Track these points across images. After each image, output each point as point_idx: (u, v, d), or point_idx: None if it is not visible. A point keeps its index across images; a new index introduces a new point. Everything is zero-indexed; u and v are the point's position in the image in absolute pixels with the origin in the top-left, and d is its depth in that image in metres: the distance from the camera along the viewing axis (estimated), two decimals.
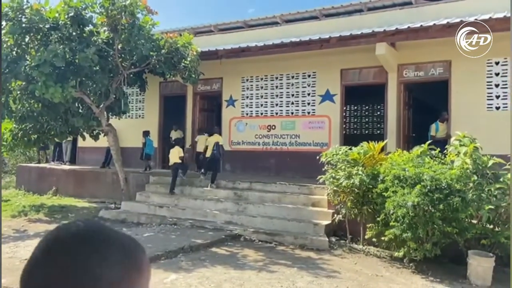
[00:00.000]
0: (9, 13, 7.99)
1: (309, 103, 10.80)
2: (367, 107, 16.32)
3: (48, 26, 8.28)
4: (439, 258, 5.97)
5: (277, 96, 11.25)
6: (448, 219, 5.63)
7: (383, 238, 6.24)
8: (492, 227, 5.87)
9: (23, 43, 8.30)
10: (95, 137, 10.90)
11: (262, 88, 11.48)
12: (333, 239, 7.31)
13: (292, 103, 11.03)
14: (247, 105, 11.70)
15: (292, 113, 11.03)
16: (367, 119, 16.49)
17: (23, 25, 8.07)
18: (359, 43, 9.13)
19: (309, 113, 10.79)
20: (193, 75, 10.16)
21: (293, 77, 11.03)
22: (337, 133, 10.35)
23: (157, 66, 9.77)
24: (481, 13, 8.22)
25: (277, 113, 11.25)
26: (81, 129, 10.38)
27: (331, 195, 7.39)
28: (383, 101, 10.24)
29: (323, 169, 7.51)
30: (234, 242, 7.31)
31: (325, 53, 9.94)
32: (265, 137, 11.33)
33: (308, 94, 10.80)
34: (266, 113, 11.40)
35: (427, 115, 10.21)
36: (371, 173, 6.82)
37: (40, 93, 7.89)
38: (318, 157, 7.66)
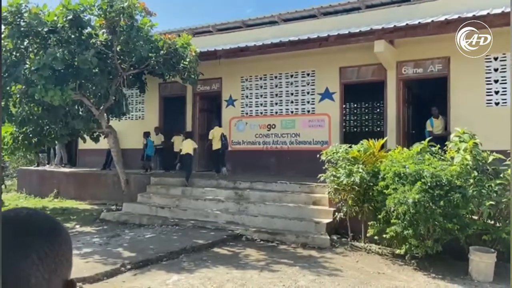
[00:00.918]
0: (8, 17, 8.01)
1: (308, 102, 10.80)
2: (366, 105, 16.30)
3: (46, 29, 8.29)
4: (441, 254, 5.98)
5: (276, 95, 11.25)
6: (449, 215, 5.64)
7: (384, 236, 6.25)
8: (493, 222, 5.88)
9: (22, 47, 8.31)
10: (96, 139, 10.92)
11: (261, 87, 11.49)
12: (334, 237, 7.32)
13: (292, 102, 11.04)
14: (246, 105, 11.71)
15: (292, 112, 11.03)
16: (366, 117, 16.47)
17: (22, 29, 8.08)
18: (358, 41, 9.13)
19: (308, 111, 10.80)
20: (192, 76, 10.18)
21: (292, 76, 11.03)
22: (337, 131, 10.35)
23: (156, 67, 9.80)
24: (479, 8, 8.22)
25: (276, 112, 11.25)
26: (81, 132, 10.40)
27: (332, 193, 7.39)
28: (383, 99, 10.24)
29: (323, 167, 7.52)
30: (235, 242, 7.33)
31: (323, 51, 9.94)
32: (265, 137, 11.34)
33: (308, 93, 10.81)
34: (266, 113, 11.41)
35: (426, 112, 10.22)
36: (372, 171, 6.84)
37: (40, 96, 7.90)
38: (318, 156, 7.66)
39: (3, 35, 8.10)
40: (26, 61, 8.18)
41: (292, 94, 11.03)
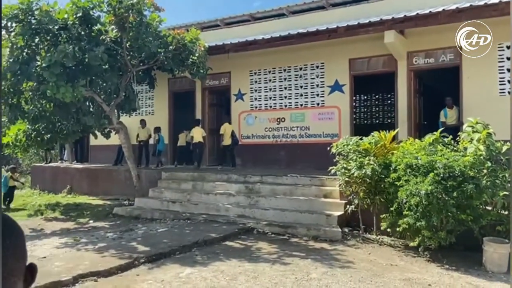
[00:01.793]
0: (19, 14, 8.08)
1: (318, 94, 10.75)
2: (377, 96, 16.17)
3: (57, 26, 8.35)
4: (454, 246, 5.94)
5: (285, 88, 11.21)
6: (462, 206, 5.59)
7: (397, 228, 6.22)
8: (507, 213, 5.81)
9: (33, 44, 8.38)
10: (107, 135, 11.02)
11: (270, 81, 11.46)
12: (346, 229, 7.31)
13: (301, 95, 10.99)
14: (256, 99, 11.70)
15: (301, 105, 10.99)
16: (377, 109, 16.33)
17: (33, 26, 8.15)
18: (367, 31, 9.04)
19: (318, 104, 10.75)
20: (201, 71, 10.20)
21: (301, 69, 10.98)
22: (347, 123, 10.29)
23: (165, 62, 9.83)
24: None
25: (286, 106, 11.22)
26: (92, 128, 10.50)
27: (343, 186, 7.37)
28: (393, 90, 10.14)
29: (334, 160, 7.49)
30: (247, 235, 7.36)
31: (333, 43, 9.87)
32: (275, 130, 11.32)
33: (317, 85, 10.75)
34: (275, 106, 11.39)
35: (438, 102, 10.09)
36: (383, 163, 6.79)
37: (52, 93, 7.98)
38: (328, 148, 7.63)
39: (14, 32, 8.18)
40: (37, 58, 8.25)
41: (302, 87, 10.98)
